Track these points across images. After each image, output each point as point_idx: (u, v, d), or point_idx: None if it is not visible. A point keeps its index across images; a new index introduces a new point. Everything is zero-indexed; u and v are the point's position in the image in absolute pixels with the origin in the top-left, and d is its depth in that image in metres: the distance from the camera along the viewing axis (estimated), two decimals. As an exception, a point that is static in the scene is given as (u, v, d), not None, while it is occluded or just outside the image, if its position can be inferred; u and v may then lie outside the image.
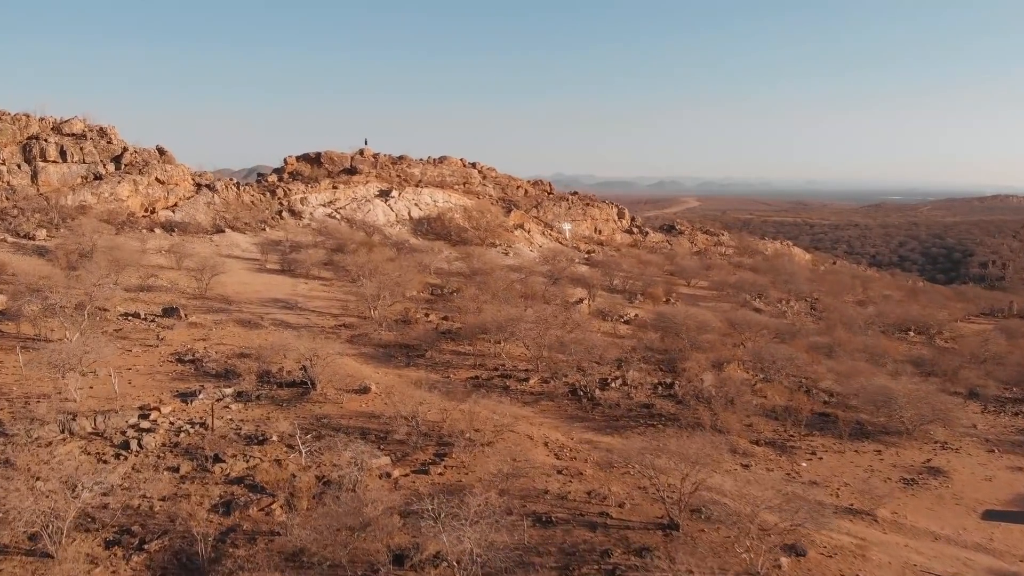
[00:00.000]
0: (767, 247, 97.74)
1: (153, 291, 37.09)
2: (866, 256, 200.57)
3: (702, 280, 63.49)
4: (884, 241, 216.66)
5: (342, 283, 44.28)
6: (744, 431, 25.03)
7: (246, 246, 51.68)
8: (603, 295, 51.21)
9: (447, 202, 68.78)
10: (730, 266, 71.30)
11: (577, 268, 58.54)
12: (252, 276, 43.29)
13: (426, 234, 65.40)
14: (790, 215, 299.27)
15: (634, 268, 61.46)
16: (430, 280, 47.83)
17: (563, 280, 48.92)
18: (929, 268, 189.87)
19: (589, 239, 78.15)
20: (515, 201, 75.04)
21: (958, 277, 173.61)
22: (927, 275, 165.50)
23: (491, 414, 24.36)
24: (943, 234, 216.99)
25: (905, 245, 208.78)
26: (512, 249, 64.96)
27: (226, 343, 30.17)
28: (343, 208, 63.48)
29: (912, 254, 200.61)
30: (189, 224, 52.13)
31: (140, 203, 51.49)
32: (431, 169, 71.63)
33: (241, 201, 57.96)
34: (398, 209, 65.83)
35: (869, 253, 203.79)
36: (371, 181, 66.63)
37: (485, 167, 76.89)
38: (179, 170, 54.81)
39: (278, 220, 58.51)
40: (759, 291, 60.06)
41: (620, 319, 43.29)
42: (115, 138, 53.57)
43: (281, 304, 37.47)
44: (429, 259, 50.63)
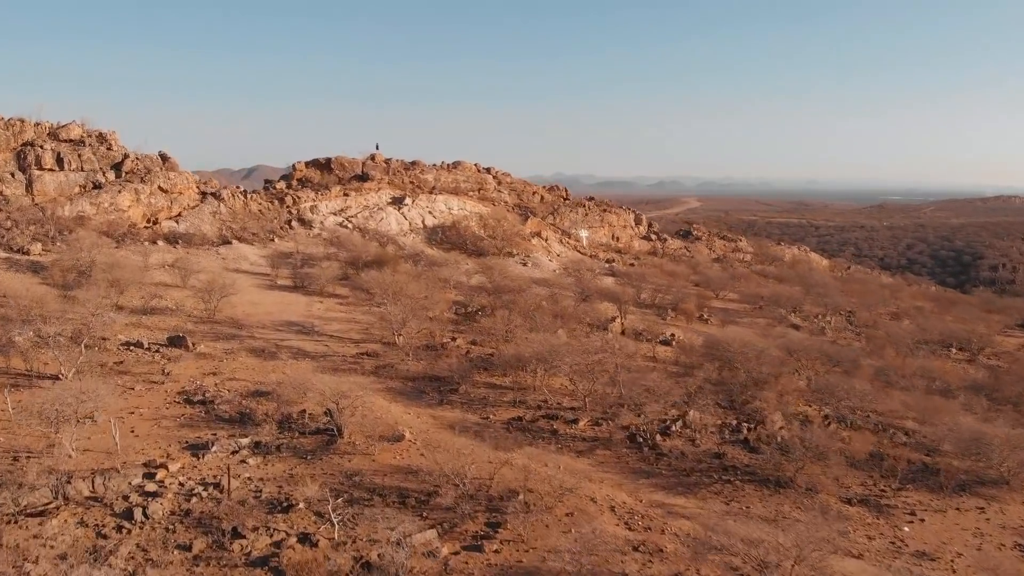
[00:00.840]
0: (785, 253, 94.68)
1: (157, 314, 33.92)
2: (874, 259, 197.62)
3: (730, 292, 60.37)
4: (891, 243, 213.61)
5: (360, 301, 41.17)
6: (832, 485, 21.96)
7: (254, 259, 48.50)
8: (633, 311, 48.13)
9: (462, 209, 65.62)
10: (756, 276, 68.20)
11: (602, 280, 55.41)
12: (262, 294, 40.13)
13: (440, 243, 62.24)
14: (794, 216, 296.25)
15: (661, 279, 58.35)
16: (451, 296, 44.70)
17: (592, 295, 45.79)
18: (939, 271, 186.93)
19: (607, 247, 75.02)
20: (531, 208, 71.89)
21: (968, 280, 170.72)
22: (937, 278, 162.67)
23: (543, 467, 21.28)
24: (951, 236, 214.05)
25: (913, 248, 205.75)
26: (530, 259, 61.82)
27: (239, 377, 27.01)
28: (355, 216, 60.30)
29: (921, 257, 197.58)
30: (194, 235, 48.93)
31: (142, 213, 48.27)
32: (445, 175, 68.43)
33: (248, 210, 54.77)
34: (411, 217, 62.66)
35: (877, 256, 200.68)
36: (383, 188, 63.44)
37: (500, 172, 73.73)
38: (183, 178, 51.60)
39: (287, 230, 55.32)
40: (793, 304, 57.01)
41: (657, 340, 40.19)
42: (115, 144, 50.34)
43: (296, 328, 34.30)
44: (449, 273, 47.45)
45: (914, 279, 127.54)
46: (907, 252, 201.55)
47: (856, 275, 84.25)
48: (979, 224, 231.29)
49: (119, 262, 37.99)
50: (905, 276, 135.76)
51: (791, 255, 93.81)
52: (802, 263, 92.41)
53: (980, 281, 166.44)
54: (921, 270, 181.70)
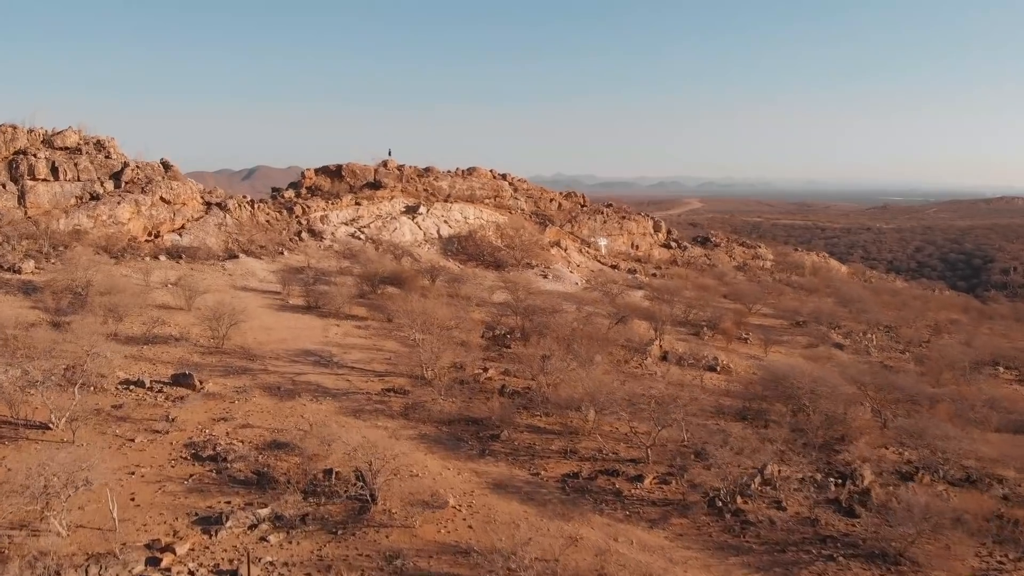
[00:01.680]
0: (805, 259, 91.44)
1: (160, 343, 30.57)
2: (883, 262, 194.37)
3: (763, 306, 57.07)
4: (900, 246, 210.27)
5: (380, 323, 37.83)
6: (945, 556, 18.69)
7: (263, 275, 45.17)
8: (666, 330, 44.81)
9: (478, 218, 62.31)
10: (785, 287, 64.92)
11: (630, 294, 52.11)
12: (274, 317, 36.79)
13: (456, 254, 58.95)
14: (799, 217, 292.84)
15: (691, 293, 55.02)
16: (476, 316, 41.38)
17: (626, 314, 42.46)
18: (949, 275, 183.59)
19: (626, 255, 71.75)
20: (548, 215, 68.59)
21: (979, 284, 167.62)
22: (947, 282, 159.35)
23: (616, 544, 18.04)
24: (959, 239, 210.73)
25: (922, 251, 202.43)
26: (550, 270, 58.52)
27: (253, 423, 23.69)
28: (367, 227, 56.97)
29: (930, 260, 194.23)
30: (198, 249, 45.59)
31: (143, 226, 44.95)
32: (460, 182, 65.08)
33: (255, 221, 51.43)
34: (426, 227, 59.33)
35: (886, 259, 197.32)
36: (396, 196, 60.12)
37: (516, 179, 70.41)
38: (186, 187, 48.23)
39: (297, 242, 52.00)
40: (830, 320, 53.76)
41: (703, 366, 36.92)
42: (114, 152, 46.97)
43: (313, 358, 30.96)
44: (471, 290, 44.10)
45: (929, 284, 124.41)
46: (916, 255, 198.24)
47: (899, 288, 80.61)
48: (987, 226, 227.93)
49: (117, 284, 34.65)
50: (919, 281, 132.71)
51: (811, 262, 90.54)
52: (822, 270, 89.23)
53: (991, 285, 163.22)
54: (931, 273, 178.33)
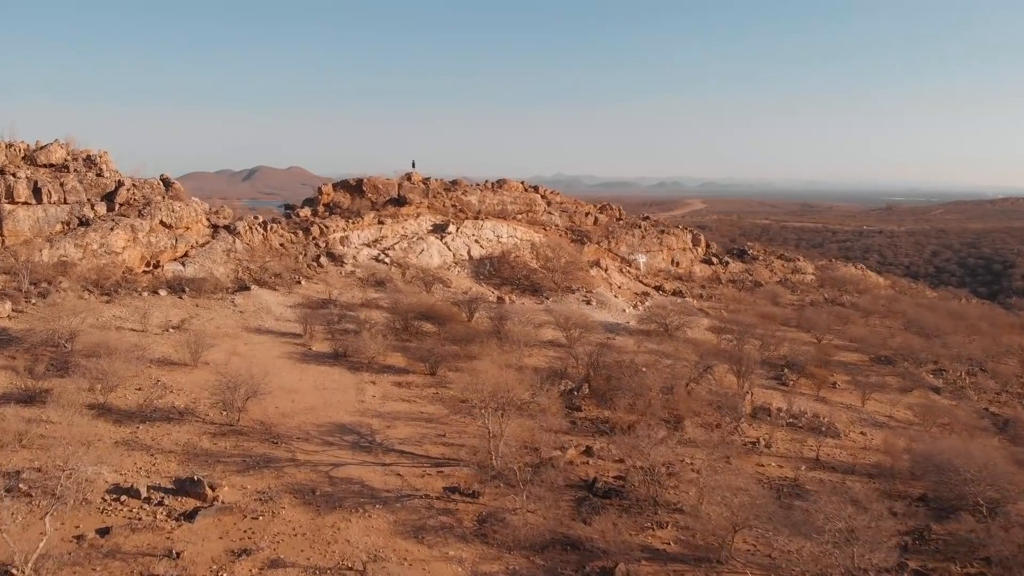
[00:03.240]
0: (843, 271, 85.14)
1: (160, 421, 24.06)
2: (900, 267, 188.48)
3: (833, 335, 50.67)
4: (916, 250, 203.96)
5: (421, 376, 31.38)
6: None
7: (280, 310, 38.69)
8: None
9: (512, 237, 55.87)
10: (849, 311, 58.56)
11: (692, 325, 45.68)
12: (298, 372, 30.29)
13: (489, 277, 52.51)
14: (807, 220, 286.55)
15: (754, 321, 48.62)
16: (529, 361, 34.97)
17: (709, 357, 35.95)
18: (969, 280, 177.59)
19: (667, 273, 65.39)
20: (585, 231, 62.17)
21: (1001, 291, 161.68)
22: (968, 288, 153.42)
23: None
24: (976, 243, 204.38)
25: (939, 255, 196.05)
26: (593, 295, 52.11)
27: (286, 557, 17.25)
28: (392, 248, 50.50)
29: (948, 265, 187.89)
30: (205, 281, 39.11)
31: (140, 255, 38.45)
32: (490, 196, 58.62)
33: (268, 245, 44.92)
34: (456, 248, 52.87)
35: (903, 264, 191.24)
36: (423, 213, 53.66)
37: (548, 191, 63.95)
38: (190, 209, 41.68)
39: (315, 269, 45.50)
40: (912, 354, 47.40)
41: (808, 427, 30.57)
42: (107, 169, 40.39)
43: (351, 438, 24.49)
44: (520, 329, 37.63)
45: (955, 293, 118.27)
46: (933, 260, 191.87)
47: (964, 307, 74.16)
48: (1002, 229, 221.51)
49: (108, 340, 28.16)
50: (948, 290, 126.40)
51: (849, 274, 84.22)
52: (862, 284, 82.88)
53: (1013, 291, 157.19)
54: (950, 279, 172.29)
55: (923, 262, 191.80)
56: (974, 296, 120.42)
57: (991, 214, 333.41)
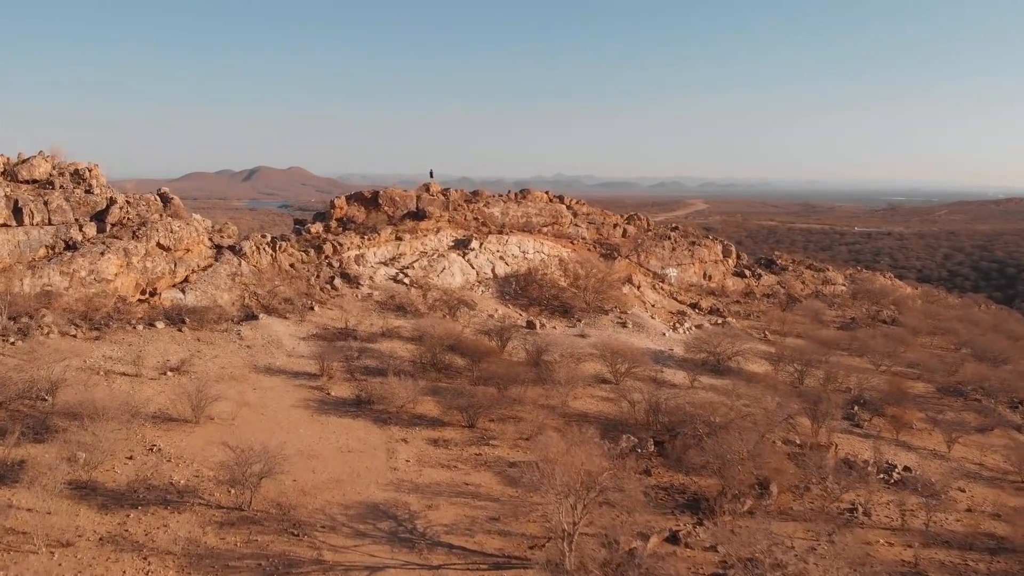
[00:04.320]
0: (877, 282, 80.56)
1: (154, 506, 19.51)
2: (912, 270, 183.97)
3: (890, 360, 46.15)
4: (927, 253, 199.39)
5: (459, 430, 26.84)
6: None
7: (291, 343, 34.12)
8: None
9: (539, 252, 51.29)
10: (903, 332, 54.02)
11: (747, 352, 41.15)
12: (317, 429, 25.70)
13: (515, 298, 47.99)
14: (814, 221, 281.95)
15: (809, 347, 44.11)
16: (578, 404, 30.44)
17: (784, 399, 31.39)
18: (983, 284, 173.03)
19: (698, 288, 60.85)
20: (614, 244, 57.62)
21: (1017, 295, 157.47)
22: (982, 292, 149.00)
23: None
24: (988, 245, 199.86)
25: (951, 258, 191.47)
26: (629, 316, 47.57)
27: None
28: (411, 267, 45.92)
29: (961, 268, 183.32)
30: (207, 310, 34.53)
31: (134, 283, 33.87)
32: (513, 208, 54.04)
33: (277, 267, 40.33)
34: (479, 265, 48.29)
35: (915, 267, 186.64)
36: (443, 227, 49.08)
37: (574, 201, 59.36)
38: (191, 228, 37.05)
39: (329, 292, 40.93)
40: (983, 384, 42.88)
41: (919, 495, 26.06)
42: (98, 184, 35.74)
43: (386, 524, 19.90)
44: (566, 367, 33.07)
45: (974, 299, 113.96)
46: (946, 263, 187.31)
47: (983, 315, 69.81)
48: (1013, 231, 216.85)
49: (94, 396, 23.60)
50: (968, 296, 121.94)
51: (883, 285, 79.68)
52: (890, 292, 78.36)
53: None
54: (964, 283, 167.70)
55: (935, 265, 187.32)
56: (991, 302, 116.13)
57: (996, 215, 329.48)
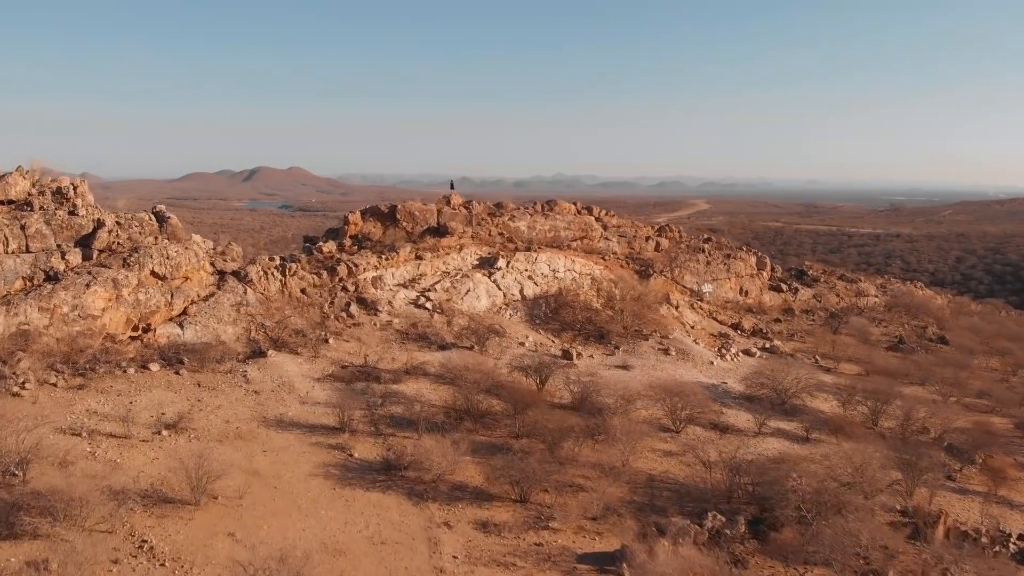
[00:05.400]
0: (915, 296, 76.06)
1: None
2: (925, 274, 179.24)
3: (957, 390, 41.66)
4: (939, 256, 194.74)
5: (510, 508, 22.29)
6: None
7: (305, 386, 29.54)
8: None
9: (570, 271, 46.70)
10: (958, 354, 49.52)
11: (812, 386, 36.60)
12: (341, 506, 21.13)
13: (547, 321, 43.45)
14: (818, 222, 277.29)
15: (876, 379, 39.58)
16: (640, 465, 25.90)
17: (873, 454, 26.87)
18: (998, 288, 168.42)
19: (735, 305, 56.28)
20: (646, 259, 53.06)
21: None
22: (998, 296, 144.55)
23: None
24: (1000, 248, 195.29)
25: (964, 261, 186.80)
26: (670, 341, 43.02)
27: None
28: (432, 289, 41.33)
29: (975, 272, 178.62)
30: (209, 347, 29.95)
31: (124, 318, 29.26)
32: (540, 221, 49.42)
33: (288, 293, 35.73)
34: (507, 286, 43.70)
35: (927, 270, 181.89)
36: (467, 244, 44.47)
37: (603, 212, 54.75)
38: (190, 253, 32.39)
39: (345, 320, 36.32)
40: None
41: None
42: (84, 204, 31.06)
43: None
44: (622, 419, 28.47)
45: (995, 304, 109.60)
46: (959, 266, 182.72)
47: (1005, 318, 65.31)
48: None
49: (73, 481, 19.05)
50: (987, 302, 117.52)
51: (920, 297, 75.19)
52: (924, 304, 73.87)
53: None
54: (979, 287, 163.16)
55: (948, 269, 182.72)
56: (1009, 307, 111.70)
57: (1001, 215, 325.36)
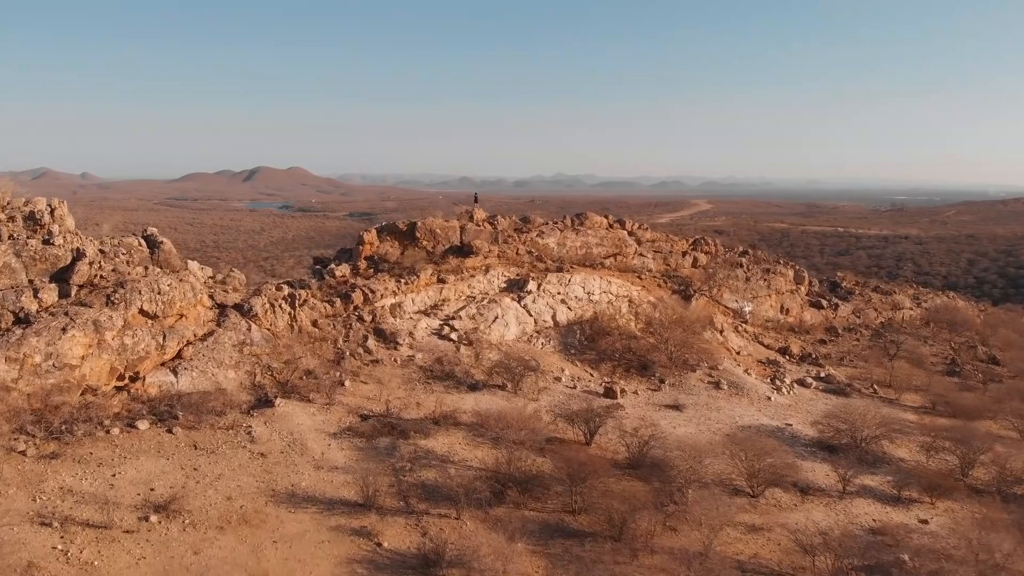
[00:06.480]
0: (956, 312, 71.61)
1: None
2: (937, 277, 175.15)
3: None
4: (951, 259, 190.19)
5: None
6: None
7: (320, 445, 25.00)
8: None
9: (606, 292, 42.14)
10: None
11: (891, 428, 32.10)
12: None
13: (582, 351, 38.93)
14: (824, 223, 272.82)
15: (955, 422, 35.10)
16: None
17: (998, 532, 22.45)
18: (1012, 292, 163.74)
19: (776, 324, 51.81)
20: (686, 279, 48.50)
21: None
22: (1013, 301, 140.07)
23: None
24: (1012, 250, 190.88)
25: (976, 264, 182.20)
26: (720, 372, 38.57)
27: None
28: (457, 316, 36.75)
29: (988, 275, 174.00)
30: (207, 397, 25.38)
31: (108, 367, 24.66)
32: (571, 237, 44.87)
33: (297, 328, 31.15)
34: (538, 311, 39.15)
35: (940, 274, 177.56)
36: (493, 264, 39.89)
37: (636, 226, 50.14)
38: (186, 287, 27.75)
39: (362, 357, 31.73)
40: None
41: None
42: (61, 230, 26.42)
43: None
44: (713, 504, 23.93)
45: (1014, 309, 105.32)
46: (971, 269, 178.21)
47: None
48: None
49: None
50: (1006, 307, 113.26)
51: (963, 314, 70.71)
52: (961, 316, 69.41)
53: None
54: (993, 291, 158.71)
55: (961, 272, 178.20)
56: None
57: (1006, 216, 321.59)
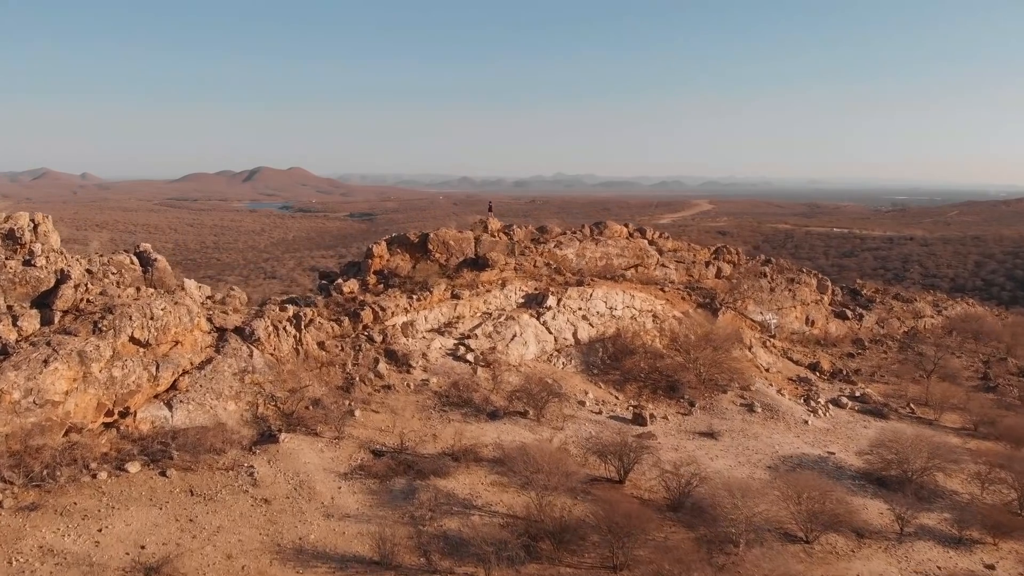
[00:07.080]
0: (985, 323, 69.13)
1: None
2: (945, 279, 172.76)
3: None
4: (958, 260, 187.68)
5: None
6: None
7: (329, 489, 22.44)
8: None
9: (629, 307, 39.59)
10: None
11: (944, 460, 29.59)
12: None
13: (605, 371, 36.40)
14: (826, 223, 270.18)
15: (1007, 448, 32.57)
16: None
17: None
18: (1021, 296, 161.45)
19: (802, 336, 49.31)
20: (711, 291, 45.95)
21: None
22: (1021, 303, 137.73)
23: None
24: (1019, 251, 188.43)
25: (984, 266, 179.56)
26: (753, 394, 36.06)
27: None
28: (472, 335, 34.19)
29: (995, 277, 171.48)
30: (204, 433, 22.83)
31: (95, 402, 22.10)
32: (590, 248, 42.31)
33: (303, 352, 28.59)
34: (558, 328, 36.60)
35: (947, 276, 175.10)
36: (509, 278, 37.32)
37: (657, 235, 47.60)
38: (181, 309, 25.18)
39: (373, 383, 29.18)
40: None
41: None
42: (45, 249, 23.84)
43: None
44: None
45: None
46: (979, 272, 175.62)
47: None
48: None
49: None
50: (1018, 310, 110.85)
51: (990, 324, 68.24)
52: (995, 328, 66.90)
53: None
54: (1001, 293, 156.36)
55: (968, 274, 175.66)
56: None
57: (1009, 216, 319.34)
